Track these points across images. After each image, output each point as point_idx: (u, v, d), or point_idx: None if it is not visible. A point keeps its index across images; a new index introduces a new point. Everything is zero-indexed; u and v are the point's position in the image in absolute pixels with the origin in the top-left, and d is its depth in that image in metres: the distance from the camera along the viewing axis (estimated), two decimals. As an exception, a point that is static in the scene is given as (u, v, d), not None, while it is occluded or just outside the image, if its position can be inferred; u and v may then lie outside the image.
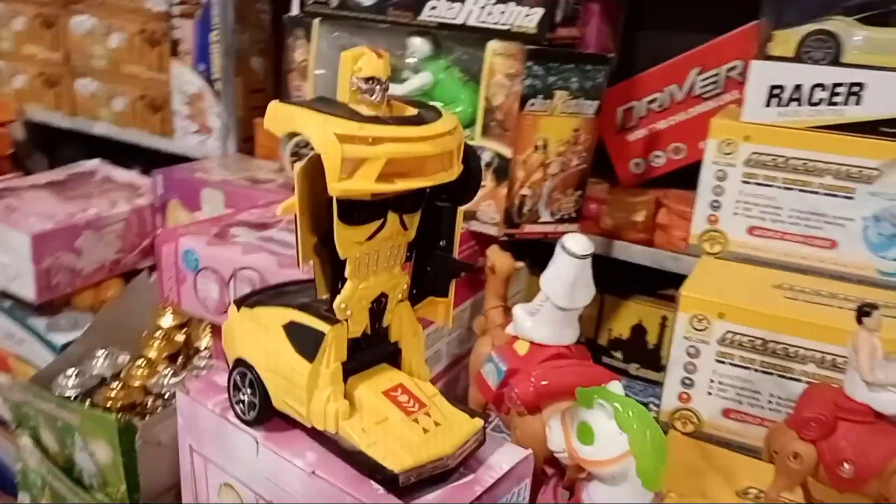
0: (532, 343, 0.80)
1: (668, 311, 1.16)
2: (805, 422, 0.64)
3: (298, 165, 0.48)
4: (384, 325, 0.56)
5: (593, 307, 1.20)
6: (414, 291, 0.57)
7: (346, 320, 0.53)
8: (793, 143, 0.83)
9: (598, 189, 1.14)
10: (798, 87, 0.82)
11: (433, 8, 1.02)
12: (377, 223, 0.50)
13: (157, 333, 1.17)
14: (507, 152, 0.97)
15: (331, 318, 0.52)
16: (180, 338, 1.19)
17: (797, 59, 0.83)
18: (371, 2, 1.06)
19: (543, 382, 0.77)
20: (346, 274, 0.51)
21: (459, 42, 1.03)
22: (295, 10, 1.13)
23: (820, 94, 0.81)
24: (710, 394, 0.80)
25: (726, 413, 0.80)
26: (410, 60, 1.07)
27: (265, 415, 0.56)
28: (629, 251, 1.10)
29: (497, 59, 0.97)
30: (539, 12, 0.95)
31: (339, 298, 0.52)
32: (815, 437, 0.64)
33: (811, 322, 0.74)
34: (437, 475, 0.52)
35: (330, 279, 0.53)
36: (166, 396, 1.06)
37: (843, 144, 0.81)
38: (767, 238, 0.87)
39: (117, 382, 1.04)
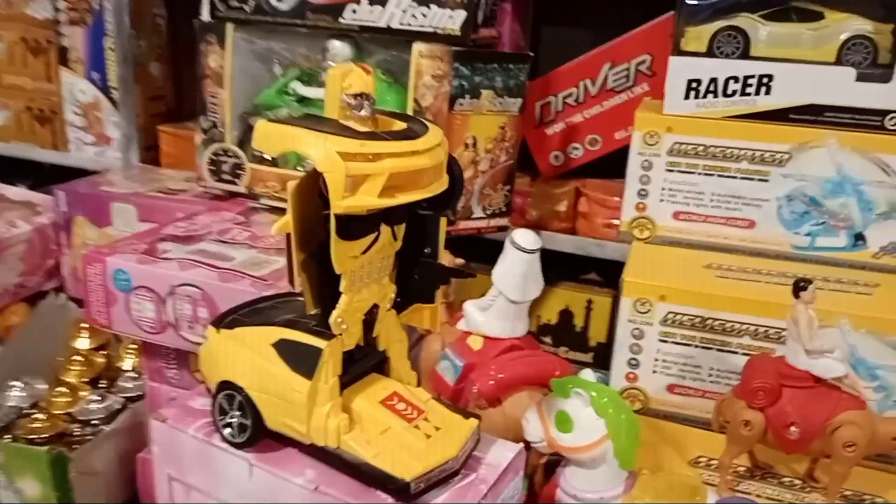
0: (486, 337, 0.82)
1: (592, 295, 1.22)
2: (754, 391, 0.70)
3: (291, 185, 0.48)
4: (374, 336, 0.57)
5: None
6: (398, 299, 0.58)
7: (341, 334, 0.53)
8: (711, 133, 0.89)
9: (521, 182, 1.18)
10: (713, 80, 0.88)
11: (354, 11, 1.01)
12: (372, 237, 0.50)
13: (75, 357, 1.11)
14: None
15: (325, 334, 0.52)
16: (100, 360, 1.13)
17: (710, 53, 0.89)
18: (288, 6, 1.04)
19: (502, 375, 0.79)
20: (342, 288, 0.51)
21: (382, 44, 1.03)
22: (205, 14, 1.09)
23: (733, 86, 0.88)
24: (655, 372, 0.85)
25: (671, 389, 0.85)
26: (331, 64, 1.06)
27: (257, 436, 0.56)
28: (555, 240, 1.14)
29: (423, 61, 0.98)
30: (462, 14, 0.96)
31: (335, 313, 0.52)
32: (764, 404, 0.70)
33: (744, 298, 0.81)
34: (442, 478, 0.53)
35: (319, 294, 0.53)
36: (94, 423, 1.02)
37: (756, 131, 0.88)
38: (692, 221, 0.93)
39: (38, 413, 0.98)
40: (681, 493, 0.64)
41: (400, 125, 0.51)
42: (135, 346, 1.12)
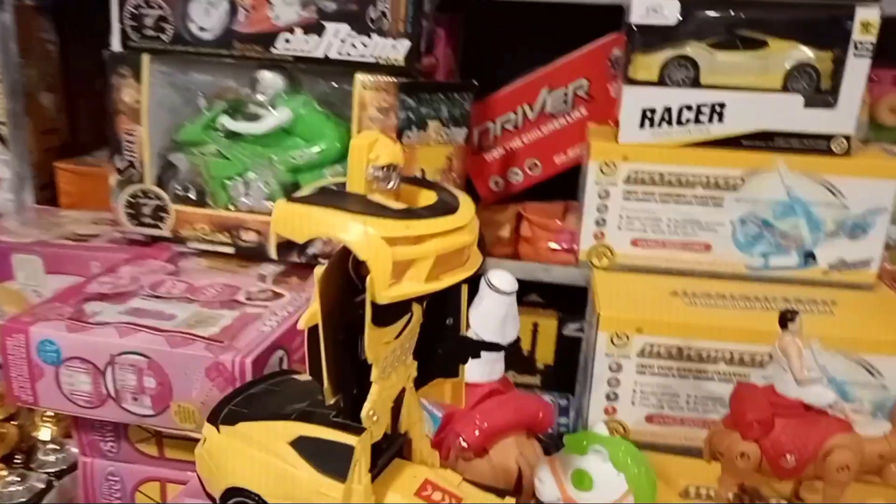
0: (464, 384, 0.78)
1: (538, 318, 1.21)
2: (749, 424, 0.71)
3: (318, 272, 0.43)
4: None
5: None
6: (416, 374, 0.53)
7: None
8: (667, 160, 0.90)
9: (463, 210, 1.15)
10: (668, 109, 0.89)
11: (287, 41, 0.95)
12: (405, 319, 0.46)
13: (-17, 434, 0.98)
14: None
15: (351, 427, 0.47)
16: (12, 432, 1.01)
17: (661, 82, 0.89)
18: (213, 35, 0.96)
19: (487, 424, 0.76)
20: (373, 378, 0.46)
21: (319, 75, 0.98)
22: (116, 45, 0.99)
23: (687, 115, 0.89)
24: (633, 404, 0.85)
25: (650, 419, 0.85)
26: (261, 97, 0.99)
27: (278, 547, 0.50)
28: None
29: (367, 93, 0.93)
30: (406, 44, 0.92)
31: (367, 406, 0.47)
32: (759, 436, 0.71)
33: (718, 326, 0.82)
34: (490, 569, 0.49)
35: (341, 382, 0.48)
36: (16, 508, 0.91)
37: (710, 158, 0.89)
38: (650, 248, 0.93)
39: (-51, 505, 0.86)
40: (698, 539, 0.64)
41: (428, 195, 0.47)
42: (52, 415, 1.01)
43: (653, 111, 0.89)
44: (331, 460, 0.47)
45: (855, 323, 0.83)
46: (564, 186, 1.16)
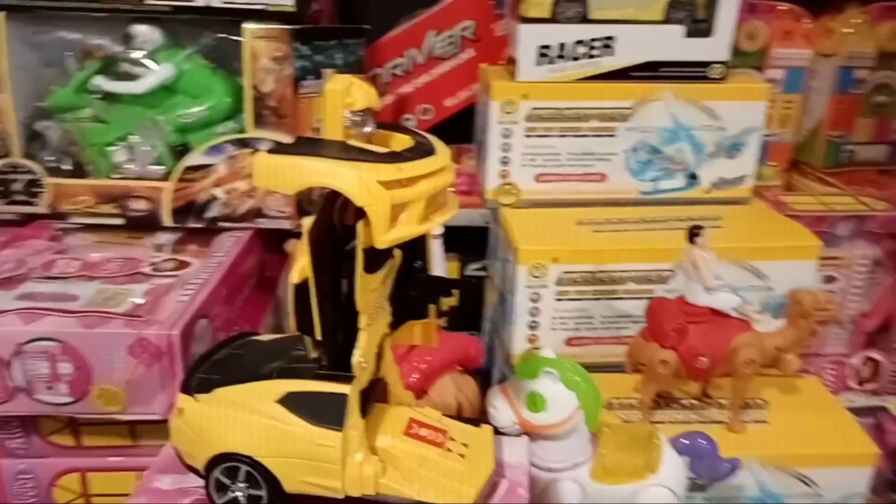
0: (394, 329, 0.80)
1: (439, 261, 1.23)
2: (666, 333, 0.77)
3: (307, 224, 0.42)
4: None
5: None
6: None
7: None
8: (564, 96, 0.94)
9: (358, 159, 1.14)
10: (562, 46, 0.92)
11: (164, -11, 0.89)
12: (389, 264, 0.46)
13: None
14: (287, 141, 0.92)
15: (341, 377, 0.47)
16: None
17: (553, 18, 0.92)
18: (79, -13, 0.88)
19: (424, 366, 0.79)
20: (361, 326, 0.46)
21: (202, 27, 0.92)
22: (-36, 2, 0.88)
23: (580, 50, 0.93)
24: (553, 329, 0.90)
25: (569, 342, 0.91)
26: (137, 53, 0.93)
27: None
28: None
29: (258, 42, 0.90)
30: (296, -12, 0.89)
31: (357, 354, 0.47)
32: (675, 343, 0.77)
33: (626, 248, 0.88)
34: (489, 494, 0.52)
35: (330, 335, 0.48)
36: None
37: (603, 91, 0.94)
38: (552, 182, 0.98)
39: None
40: (640, 439, 0.69)
41: (401, 138, 0.47)
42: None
43: (548, 48, 0.92)
44: (324, 412, 0.47)
45: (740, 234, 0.92)
46: (445, 130, 1.17)
